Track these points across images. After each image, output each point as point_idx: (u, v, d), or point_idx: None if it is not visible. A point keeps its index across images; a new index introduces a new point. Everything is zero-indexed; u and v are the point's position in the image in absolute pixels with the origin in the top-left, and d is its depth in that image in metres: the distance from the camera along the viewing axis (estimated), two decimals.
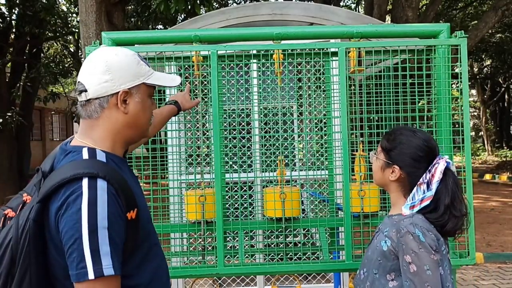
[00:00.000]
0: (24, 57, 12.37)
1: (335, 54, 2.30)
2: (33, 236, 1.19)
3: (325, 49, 2.26)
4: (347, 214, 2.13)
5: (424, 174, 1.54)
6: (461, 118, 2.18)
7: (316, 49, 2.23)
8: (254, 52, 2.37)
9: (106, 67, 1.30)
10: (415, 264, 1.45)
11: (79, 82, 1.33)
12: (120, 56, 1.33)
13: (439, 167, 1.52)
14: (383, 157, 1.64)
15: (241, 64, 2.31)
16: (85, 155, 1.26)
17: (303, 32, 2.29)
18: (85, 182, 1.18)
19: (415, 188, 1.55)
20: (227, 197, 2.38)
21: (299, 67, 2.47)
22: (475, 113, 27.10)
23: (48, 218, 1.20)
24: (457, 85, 2.20)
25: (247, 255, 2.35)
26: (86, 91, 1.30)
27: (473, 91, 25.92)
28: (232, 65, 2.28)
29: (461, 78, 2.18)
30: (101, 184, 1.18)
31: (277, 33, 2.19)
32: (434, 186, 1.51)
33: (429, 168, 1.55)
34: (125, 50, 1.37)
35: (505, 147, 23.85)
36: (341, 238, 2.29)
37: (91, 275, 1.13)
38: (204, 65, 2.24)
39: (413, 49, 2.25)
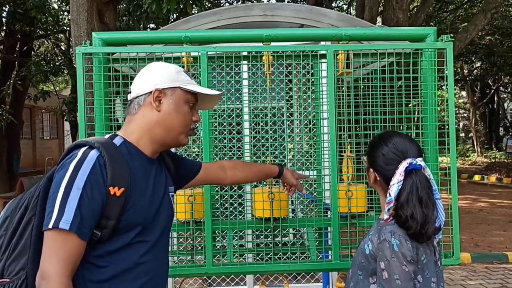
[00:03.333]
0: (15, 55, 12.27)
1: (324, 56, 2.33)
2: (43, 189, 1.34)
3: (314, 51, 2.28)
4: (334, 214, 2.16)
5: (393, 177, 1.51)
6: (447, 120, 2.22)
7: (306, 51, 2.25)
8: (244, 53, 2.39)
9: (148, 73, 1.49)
10: (387, 271, 1.46)
11: (129, 88, 1.53)
12: (162, 65, 1.52)
13: (399, 168, 1.50)
14: (365, 161, 1.70)
15: (231, 65, 2.33)
16: (106, 136, 1.45)
17: (292, 34, 2.31)
18: (82, 149, 1.34)
19: (387, 193, 1.53)
20: (216, 197, 2.40)
21: (288, 68, 2.49)
22: (465, 115, 27.37)
23: None
24: (446, 87, 2.24)
25: (236, 255, 2.37)
26: (130, 93, 1.50)
27: (463, 93, 26.18)
28: (222, 66, 2.30)
29: (447, 81, 2.22)
30: (93, 154, 1.32)
31: (267, 35, 2.21)
32: (392, 189, 1.49)
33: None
34: (171, 64, 1.55)
35: (494, 149, 24.11)
36: (329, 238, 2.32)
37: (50, 225, 1.23)
38: (195, 66, 2.26)
39: (401, 52, 2.29)
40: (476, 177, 15.93)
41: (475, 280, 5.15)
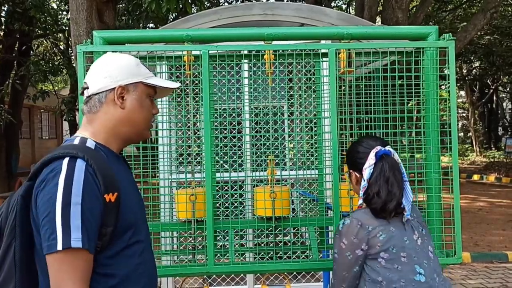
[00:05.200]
0: (14, 55, 12.25)
1: (325, 55, 2.32)
2: (19, 210, 1.26)
3: (315, 50, 2.28)
4: (336, 213, 2.15)
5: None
6: (448, 119, 2.21)
7: (307, 50, 2.24)
8: (246, 52, 2.38)
9: (107, 67, 1.42)
10: (334, 248, 1.72)
11: (84, 82, 1.44)
12: (121, 58, 1.45)
13: (370, 155, 1.72)
14: (347, 169, 1.91)
15: (232, 64, 2.32)
16: (76, 141, 1.37)
17: (294, 32, 2.31)
18: (65, 161, 1.25)
19: (362, 179, 1.75)
20: (217, 196, 2.40)
21: (290, 67, 2.48)
22: (464, 114, 27.36)
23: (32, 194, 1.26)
24: (447, 87, 2.23)
25: (237, 254, 2.36)
26: (88, 88, 1.42)
27: (462, 93, 26.16)
28: (223, 65, 2.29)
29: (449, 80, 2.21)
30: (80, 164, 1.25)
31: (268, 33, 2.20)
32: (365, 173, 1.71)
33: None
34: (126, 55, 1.49)
35: (493, 148, 24.12)
36: (331, 237, 2.32)
37: (59, 246, 1.17)
38: (196, 65, 2.25)
39: (402, 51, 2.28)
40: (475, 177, 15.96)
41: (475, 279, 5.15)
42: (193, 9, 9.02)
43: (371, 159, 1.71)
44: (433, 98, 2.24)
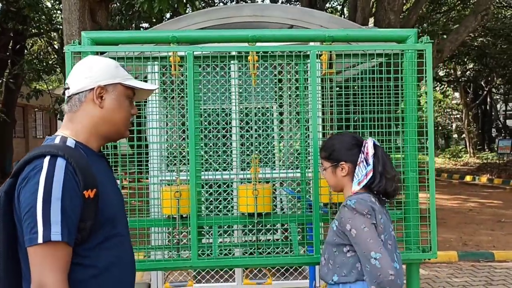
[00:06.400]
0: (7, 54, 12.26)
1: (308, 56, 2.39)
2: (3, 206, 1.34)
3: (297, 51, 2.34)
4: (316, 210, 2.22)
5: (360, 155, 1.85)
6: (426, 118, 2.28)
7: (289, 52, 2.31)
8: (231, 53, 2.45)
9: (87, 68, 1.50)
10: (354, 228, 1.72)
11: (65, 83, 1.51)
12: (101, 60, 1.53)
13: (368, 145, 1.84)
14: (328, 165, 1.93)
15: (216, 65, 2.38)
16: (57, 140, 1.43)
17: (277, 35, 2.38)
18: (46, 159, 1.32)
19: (356, 168, 1.84)
20: (203, 193, 2.46)
21: (272, 68, 2.55)
22: (458, 116, 27.53)
23: (15, 190, 1.33)
24: (440, 88, 2.31)
25: (220, 250, 2.43)
26: (68, 88, 1.49)
27: (456, 94, 26.34)
28: (208, 65, 2.36)
29: (426, 81, 2.29)
30: (60, 162, 1.32)
31: (252, 35, 2.27)
32: (370, 160, 1.82)
33: (362, 149, 1.86)
34: (107, 58, 1.57)
35: (487, 150, 24.28)
36: (311, 233, 2.38)
37: (40, 240, 1.25)
38: (183, 65, 2.31)
39: (386, 53, 2.35)
40: (468, 178, 16.07)
41: (461, 277, 5.24)
42: (188, 9, 9.08)
43: (371, 149, 1.83)
44: (412, 99, 2.32)
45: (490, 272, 5.44)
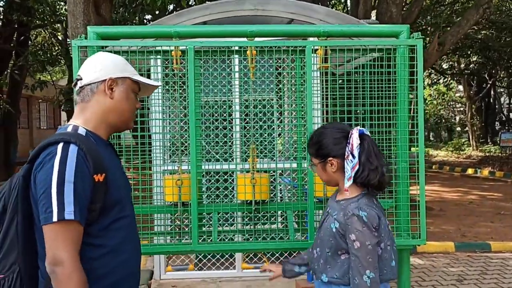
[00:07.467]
0: (12, 45, 12.35)
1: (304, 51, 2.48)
2: (21, 189, 1.47)
3: (294, 46, 2.44)
4: (310, 198, 2.33)
5: (346, 147, 1.77)
6: (416, 111, 2.38)
7: (285, 47, 2.41)
8: (230, 48, 2.54)
9: (100, 62, 1.63)
10: (359, 241, 1.69)
11: (77, 75, 1.64)
12: (112, 56, 1.68)
13: (354, 135, 1.76)
14: (317, 161, 1.87)
15: (216, 59, 2.48)
16: (69, 129, 1.55)
17: (275, 30, 2.48)
18: (60, 146, 1.44)
19: (345, 163, 1.77)
20: (204, 182, 2.57)
21: (270, 62, 2.65)
22: (461, 109, 27.50)
23: (31, 175, 1.46)
24: (444, 81, 2.40)
25: (220, 236, 2.55)
26: (81, 79, 1.61)
27: (460, 87, 26.28)
28: (209, 59, 2.46)
29: (417, 75, 2.38)
30: (72, 148, 1.45)
31: (251, 30, 2.37)
32: (355, 152, 1.74)
33: (348, 140, 1.77)
34: (116, 55, 1.73)
35: (490, 143, 24.28)
36: (307, 220, 2.49)
37: (54, 218, 1.38)
38: (184, 59, 2.41)
39: (381, 48, 2.43)
40: (469, 171, 16.12)
41: (456, 267, 5.35)
42: (191, 1, 9.14)
43: (356, 140, 1.74)
44: (404, 93, 2.41)
45: (486, 262, 5.55)
